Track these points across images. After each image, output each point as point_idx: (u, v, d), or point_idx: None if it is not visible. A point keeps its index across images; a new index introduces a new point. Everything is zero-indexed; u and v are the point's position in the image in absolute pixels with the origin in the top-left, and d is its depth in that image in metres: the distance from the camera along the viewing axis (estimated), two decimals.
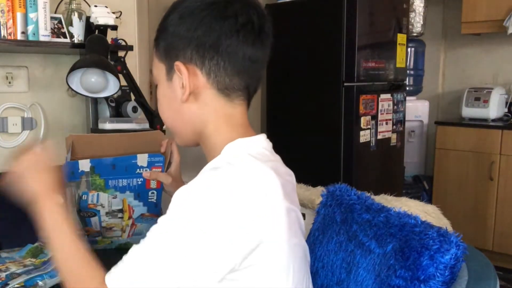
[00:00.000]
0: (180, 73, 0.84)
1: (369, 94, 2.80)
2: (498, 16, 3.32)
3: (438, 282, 0.74)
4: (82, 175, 1.16)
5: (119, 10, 1.74)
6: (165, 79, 0.87)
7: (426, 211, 1.80)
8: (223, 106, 0.86)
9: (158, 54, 0.88)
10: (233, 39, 0.82)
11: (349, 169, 2.69)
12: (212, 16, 0.82)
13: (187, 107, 0.86)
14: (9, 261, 1.16)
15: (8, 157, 0.96)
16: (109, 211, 1.22)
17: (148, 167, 1.16)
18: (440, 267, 0.74)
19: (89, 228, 1.25)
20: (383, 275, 0.82)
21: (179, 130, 0.92)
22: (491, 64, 3.75)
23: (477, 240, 3.23)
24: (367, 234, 0.90)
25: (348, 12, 2.67)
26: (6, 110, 1.63)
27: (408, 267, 0.77)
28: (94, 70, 1.49)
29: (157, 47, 0.88)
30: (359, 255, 0.89)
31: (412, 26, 3.61)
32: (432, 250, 0.76)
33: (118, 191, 1.19)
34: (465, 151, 3.38)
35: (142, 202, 1.22)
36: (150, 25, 3.42)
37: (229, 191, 0.75)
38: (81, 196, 1.19)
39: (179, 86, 0.85)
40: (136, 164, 1.16)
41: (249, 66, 0.85)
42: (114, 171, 1.16)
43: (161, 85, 0.90)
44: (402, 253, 0.80)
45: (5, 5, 1.42)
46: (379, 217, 0.90)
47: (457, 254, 0.75)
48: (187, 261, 0.74)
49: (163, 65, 0.87)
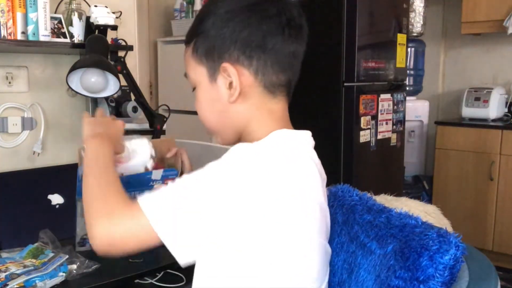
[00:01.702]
0: (227, 74, 0.85)
1: (369, 94, 2.80)
2: (498, 16, 3.32)
3: (438, 283, 0.74)
4: None
5: (119, 10, 1.74)
6: (208, 81, 0.88)
7: (426, 211, 1.79)
8: (267, 103, 0.89)
9: (197, 57, 0.89)
10: (278, 37, 0.85)
11: (349, 169, 2.69)
12: (256, 17, 0.85)
13: (234, 107, 0.88)
14: (9, 262, 1.16)
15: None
16: None
17: (161, 180, 1.17)
18: (439, 268, 0.74)
19: None
20: (383, 276, 0.82)
21: (222, 131, 0.92)
22: (491, 64, 3.75)
23: (477, 240, 3.23)
24: (369, 235, 0.90)
25: (348, 12, 2.67)
26: (6, 110, 1.63)
27: (407, 268, 0.77)
28: (94, 70, 1.49)
29: (195, 51, 0.89)
30: (360, 256, 0.89)
31: (412, 26, 3.61)
32: (431, 250, 0.76)
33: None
34: (465, 151, 3.38)
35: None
36: (150, 25, 3.42)
37: (275, 164, 0.79)
38: None
39: (225, 87, 0.86)
40: (150, 178, 1.17)
41: (292, 62, 0.89)
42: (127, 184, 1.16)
43: (202, 87, 0.90)
44: (402, 254, 0.80)
45: (5, 5, 1.42)
46: (380, 217, 0.90)
47: (457, 255, 0.75)
48: (217, 202, 0.75)
49: (203, 67, 0.88)
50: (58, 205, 1.47)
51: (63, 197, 1.48)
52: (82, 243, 1.29)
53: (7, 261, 1.16)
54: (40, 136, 1.68)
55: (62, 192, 1.48)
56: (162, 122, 1.69)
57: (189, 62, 0.91)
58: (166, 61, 3.39)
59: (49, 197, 1.47)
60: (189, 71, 0.92)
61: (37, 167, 1.65)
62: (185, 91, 2.38)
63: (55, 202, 1.47)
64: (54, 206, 1.46)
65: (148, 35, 3.36)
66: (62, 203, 1.47)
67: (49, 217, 1.41)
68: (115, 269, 0.99)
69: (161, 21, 3.50)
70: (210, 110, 0.90)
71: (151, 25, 3.40)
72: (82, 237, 1.28)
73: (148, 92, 3.36)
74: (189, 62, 0.91)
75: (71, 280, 1.13)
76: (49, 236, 1.25)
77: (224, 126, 0.91)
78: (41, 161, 1.69)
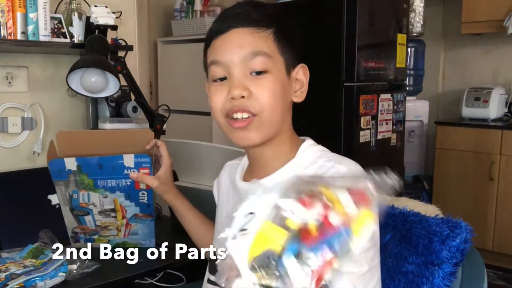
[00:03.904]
0: (303, 73, 0.93)
1: (369, 94, 2.80)
2: (498, 16, 3.31)
3: (451, 264, 0.83)
4: (70, 173, 1.16)
5: (119, 10, 1.74)
6: (284, 72, 0.90)
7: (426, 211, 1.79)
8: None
9: (279, 46, 0.89)
10: None
11: None
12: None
13: (289, 107, 0.93)
14: (9, 262, 1.16)
15: None
16: (101, 210, 1.22)
17: (135, 168, 1.15)
18: (452, 250, 0.84)
19: (85, 227, 1.25)
20: (391, 264, 0.89)
21: (273, 124, 0.89)
22: (491, 64, 3.75)
23: (477, 240, 3.22)
24: None
25: (348, 12, 2.67)
26: (6, 110, 1.63)
27: (419, 253, 0.86)
28: (94, 70, 1.49)
29: (278, 39, 0.89)
30: None
31: (412, 26, 3.61)
32: (443, 235, 0.85)
33: (108, 191, 1.19)
34: (465, 151, 3.38)
35: (134, 203, 1.22)
36: (150, 25, 3.42)
37: None
38: (72, 195, 1.19)
39: (295, 84, 0.92)
40: (122, 164, 1.15)
41: None
42: (101, 171, 1.16)
43: (276, 76, 0.89)
44: (409, 241, 0.88)
45: (5, 5, 1.42)
46: None
47: (467, 237, 0.86)
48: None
49: (283, 58, 0.90)
50: (58, 205, 1.47)
51: None
52: (75, 238, 1.28)
53: (7, 261, 1.16)
54: (40, 136, 1.68)
55: None
56: (162, 122, 1.68)
57: (269, 45, 0.88)
58: (166, 61, 3.39)
59: (49, 197, 1.47)
60: (268, 51, 0.88)
61: (37, 167, 1.65)
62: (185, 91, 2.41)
63: (55, 202, 1.47)
64: (54, 206, 1.46)
65: (148, 35, 3.36)
66: None
67: (49, 217, 1.41)
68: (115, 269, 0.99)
69: (161, 21, 3.50)
70: (278, 100, 0.88)
71: (151, 25, 3.39)
72: (73, 230, 1.27)
73: (148, 92, 3.36)
74: (268, 44, 0.88)
75: (71, 280, 1.13)
76: (49, 236, 1.25)
77: (277, 120, 0.89)
78: (41, 161, 1.69)
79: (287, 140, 0.92)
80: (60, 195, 1.20)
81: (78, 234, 1.28)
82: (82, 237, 1.29)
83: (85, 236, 1.28)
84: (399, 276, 0.87)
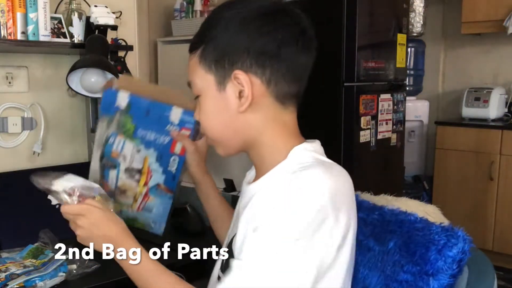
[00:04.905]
0: (239, 83, 0.83)
1: (369, 94, 2.80)
2: (498, 16, 3.32)
3: (447, 275, 0.78)
4: (117, 111, 1.16)
5: (119, 10, 1.74)
6: (215, 89, 0.85)
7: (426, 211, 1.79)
8: (278, 113, 0.87)
9: (205, 64, 0.85)
10: (292, 47, 0.84)
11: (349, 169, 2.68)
12: (271, 25, 0.83)
13: (243, 117, 0.85)
14: (9, 262, 1.16)
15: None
16: (129, 168, 1.22)
17: (179, 126, 1.16)
18: (448, 261, 0.78)
19: (105, 184, 1.25)
20: (388, 271, 0.85)
21: (227, 141, 0.90)
22: (491, 64, 3.75)
23: (477, 240, 3.20)
24: (363, 232, 0.92)
25: (348, 12, 2.66)
26: (6, 110, 1.63)
27: (415, 262, 0.81)
28: (94, 70, 1.49)
29: (203, 58, 0.86)
30: (357, 254, 0.90)
31: (412, 26, 3.61)
32: (439, 244, 0.79)
33: (143, 144, 1.19)
34: (465, 151, 3.38)
35: (162, 168, 1.21)
36: (150, 25, 3.42)
37: (335, 188, 0.78)
38: (108, 138, 1.19)
39: (235, 95, 0.84)
40: (168, 117, 1.16)
41: (303, 73, 0.88)
42: (146, 118, 1.17)
43: (207, 96, 0.87)
44: (407, 249, 0.83)
45: (5, 5, 1.42)
46: (373, 215, 0.92)
47: (464, 248, 0.78)
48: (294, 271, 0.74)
49: (211, 75, 0.85)
50: (58, 205, 1.47)
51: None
52: None
53: (7, 261, 1.16)
54: (40, 136, 1.68)
55: None
56: None
57: (195, 69, 0.88)
58: (166, 61, 3.39)
59: (49, 197, 1.46)
60: (194, 78, 0.89)
61: (37, 167, 1.65)
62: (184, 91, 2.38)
63: (55, 202, 1.46)
64: (54, 206, 1.46)
65: (148, 35, 3.36)
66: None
67: (49, 217, 1.41)
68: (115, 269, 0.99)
69: (161, 21, 3.50)
70: (216, 119, 0.87)
71: (151, 25, 3.39)
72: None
73: None
74: (194, 69, 0.88)
75: (71, 280, 1.13)
76: (49, 236, 1.25)
77: (229, 136, 0.88)
78: (41, 161, 1.69)
79: (273, 145, 0.87)
80: (99, 135, 1.19)
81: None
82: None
83: None
84: (394, 285, 0.84)
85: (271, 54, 0.82)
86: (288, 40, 0.83)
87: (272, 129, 0.87)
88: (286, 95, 0.86)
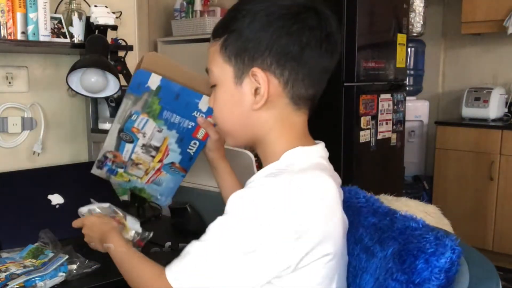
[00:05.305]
0: (256, 80, 0.82)
1: (369, 94, 2.80)
2: (498, 16, 3.32)
3: (434, 286, 0.74)
4: (146, 91, 1.17)
5: (119, 10, 1.74)
6: (232, 82, 0.84)
7: (427, 211, 1.79)
8: (289, 114, 0.86)
9: (225, 55, 0.84)
10: (315, 51, 0.83)
11: (349, 169, 2.69)
12: (297, 26, 0.81)
13: (255, 114, 0.84)
14: (9, 262, 1.16)
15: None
16: (146, 144, 1.23)
17: (206, 114, 1.18)
18: (435, 271, 0.74)
19: (118, 154, 1.26)
20: (382, 278, 0.82)
21: (236, 133, 0.90)
22: (491, 64, 3.75)
23: (477, 240, 3.23)
24: (372, 238, 0.89)
25: (348, 12, 2.67)
26: (6, 110, 1.63)
27: (404, 271, 0.77)
28: (94, 70, 1.49)
29: (224, 48, 0.84)
30: (364, 259, 0.89)
31: (412, 26, 3.61)
32: (427, 253, 0.75)
33: (166, 125, 1.20)
34: (465, 151, 3.38)
35: (181, 149, 1.24)
36: (150, 25, 3.42)
37: (287, 196, 0.76)
38: (131, 115, 1.20)
39: (250, 92, 0.83)
40: (197, 104, 1.18)
41: (322, 77, 0.87)
42: (174, 102, 1.17)
43: (223, 87, 0.86)
44: (400, 257, 0.79)
45: (5, 5, 1.41)
46: (385, 220, 0.90)
47: (452, 258, 0.74)
48: (246, 261, 0.75)
49: (230, 67, 0.84)
50: (58, 205, 1.47)
51: (63, 197, 1.48)
52: (101, 163, 1.30)
53: (7, 261, 1.16)
54: (40, 136, 1.68)
55: (62, 192, 1.48)
56: None
57: (215, 58, 0.86)
58: None
59: (49, 197, 1.47)
60: (212, 66, 0.87)
61: (37, 167, 1.65)
62: None
63: (55, 202, 1.47)
64: (54, 206, 1.46)
65: (148, 35, 3.36)
66: (62, 203, 1.47)
67: (49, 217, 1.41)
68: (115, 269, 0.99)
69: (161, 21, 3.50)
70: (228, 112, 0.87)
71: (151, 25, 3.39)
72: (104, 154, 1.27)
73: None
74: (214, 58, 0.86)
75: (71, 280, 1.13)
76: (49, 236, 1.25)
77: (238, 130, 0.89)
78: (41, 161, 1.69)
79: (275, 145, 0.87)
80: (122, 110, 1.20)
81: (107, 160, 1.28)
82: (108, 166, 1.29)
83: (111, 165, 1.29)
84: None
85: (292, 56, 0.81)
86: (312, 43, 0.82)
87: (279, 129, 0.86)
88: (302, 98, 0.85)
